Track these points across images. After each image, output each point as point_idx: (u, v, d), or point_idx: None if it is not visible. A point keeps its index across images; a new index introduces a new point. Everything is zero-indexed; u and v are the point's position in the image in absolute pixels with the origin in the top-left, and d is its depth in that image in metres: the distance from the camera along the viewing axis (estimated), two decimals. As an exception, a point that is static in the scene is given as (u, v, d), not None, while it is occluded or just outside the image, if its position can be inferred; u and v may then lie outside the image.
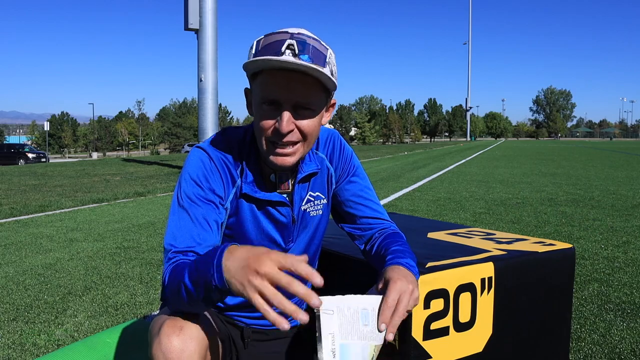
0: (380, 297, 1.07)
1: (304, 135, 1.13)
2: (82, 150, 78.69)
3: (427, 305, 1.27)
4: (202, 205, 1.17)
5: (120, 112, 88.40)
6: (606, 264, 3.93)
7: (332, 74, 1.10)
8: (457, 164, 17.88)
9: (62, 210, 7.01)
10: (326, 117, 1.22)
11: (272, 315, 0.87)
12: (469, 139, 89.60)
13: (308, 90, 1.10)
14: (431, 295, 1.28)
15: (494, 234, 1.77)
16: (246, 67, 1.10)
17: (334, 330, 0.98)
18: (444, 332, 1.31)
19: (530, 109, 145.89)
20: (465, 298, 1.33)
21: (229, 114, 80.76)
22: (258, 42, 1.11)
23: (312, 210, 1.32)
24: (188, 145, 51.76)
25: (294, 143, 1.13)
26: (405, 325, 1.24)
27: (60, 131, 74.68)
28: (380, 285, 1.12)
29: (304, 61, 1.04)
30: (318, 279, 0.88)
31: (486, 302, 1.38)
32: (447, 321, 1.31)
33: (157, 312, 1.30)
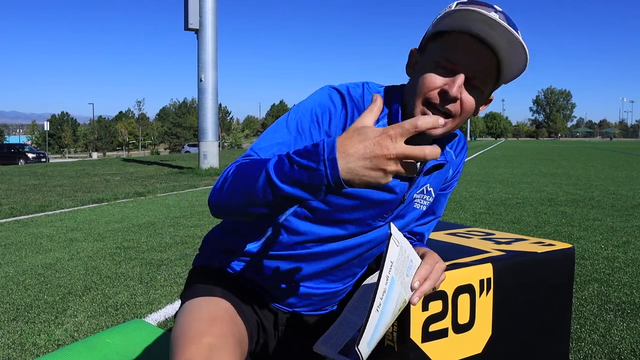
0: (419, 260, 1.07)
1: (461, 111, 1.04)
2: (82, 150, 78.69)
3: (425, 307, 1.27)
4: (305, 137, 1.04)
5: (120, 112, 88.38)
6: (606, 264, 3.93)
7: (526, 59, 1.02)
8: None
9: (62, 210, 7.01)
10: (482, 108, 1.12)
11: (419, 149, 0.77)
12: (469, 139, 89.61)
13: (487, 68, 1.02)
14: (429, 297, 1.27)
15: (493, 234, 1.77)
16: (440, 21, 1.01)
17: (393, 261, 0.95)
18: (442, 333, 1.30)
19: (530, 109, 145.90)
20: (464, 299, 1.33)
21: (229, 114, 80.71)
22: (458, 3, 1.00)
23: (418, 203, 1.23)
24: (188, 145, 51.69)
25: (449, 115, 1.04)
26: (404, 327, 1.24)
27: (60, 131, 74.67)
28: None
29: (508, 25, 0.95)
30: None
31: (485, 303, 1.38)
32: (446, 323, 1.31)
33: (175, 314, 1.22)
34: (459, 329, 1.34)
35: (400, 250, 0.97)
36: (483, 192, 8.82)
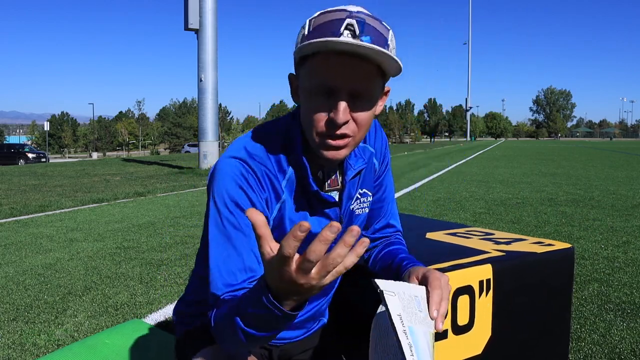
0: (423, 287, 1.04)
1: (358, 127, 1.01)
2: (82, 150, 78.66)
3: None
4: (250, 234, 1.02)
5: (120, 112, 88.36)
6: (606, 264, 3.93)
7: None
8: (457, 164, 17.88)
9: (62, 210, 7.01)
10: (380, 106, 1.08)
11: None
12: (469, 139, 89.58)
13: (367, 77, 0.97)
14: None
15: (493, 234, 1.77)
16: (298, 50, 0.97)
17: (400, 312, 0.92)
18: (442, 335, 1.30)
19: (530, 109, 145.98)
20: (463, 301, 1.33)
21: (229, 114, 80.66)
22: (311, 21, 0.98)
23: (359, 209, 1.22)
24: (188, 145, 51.66)
25: (347, 135, 1.00)
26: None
27: (60, 131, 74.65)
28: (411, 282, 1.06)
29: (366, 43, 0.91)
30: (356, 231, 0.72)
31: (485, 304, 1.38)
32: (446, 324, 1.31)
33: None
34: (459, 330, 1.34)
35: (399, 297, 0.95)
36: (483, 192, 8.82)
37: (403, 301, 0.95)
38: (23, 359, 2.39)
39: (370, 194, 1.25)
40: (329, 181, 1.15)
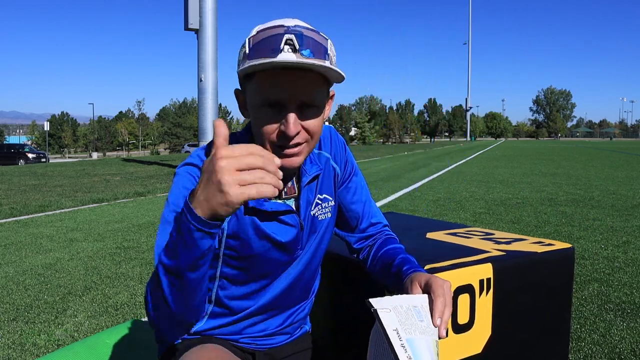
0: (424, 295, 1.04)
1: (310, 135, 1.06)
2: (82, 150, 78.67)
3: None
4: None
5: (120, 112, 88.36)
6: (606, 264, 3.93)
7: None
8: (457, 164, 17.88)
9: (62, 210, 7.01)
10: (327, 110, 1.13)
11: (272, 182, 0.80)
12: (469, 139, 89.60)
13: (312, 87, 1.01)
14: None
15: (493, 234, 1.77)
16: (242, 70, 1.01)
17: (396, 327, 0.93)
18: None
19: (530, 109, 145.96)
20: (463, 300, 1.33)
21: (229, 114, 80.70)
22: (250, 39, 1.00)
23: (321, 214, 1.25)
24: (188, 145, 51.69)
25: (300, 143, 1.05)
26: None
27: (60, 131, 74.66)
28: (413, 289, 1.07)
29: (306, 57, 0.96)
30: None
31: (485, 303, 1.38)
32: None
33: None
34: (459, 329, 1.34)
35: (396, 312, 0.96)
36: (483, 192, 8.82)
37: (400, 315, 0.96)
38: (23, 359, 2.39)
39: (331, 198, 1.28)
40: (285, 189, 1.18)
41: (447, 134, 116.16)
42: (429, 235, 1.76)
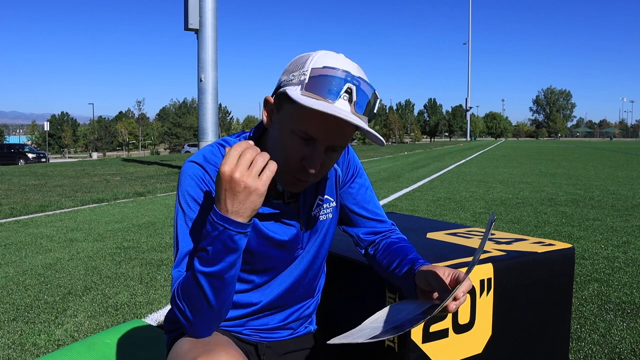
0: (426, 302, 1.11)
1: (324, 169, 1.10)
2: (82, 150, 78.67)
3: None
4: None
5: (120, 112, 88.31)
6: (606, 264, 3.93)
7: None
8: (457, 164, 17.88)
9: (62, 210, 7.01)
10: None
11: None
12: (469, 139, 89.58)
13: (347, 136, 1.05)
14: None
15: (494, 234, 1.77)
16: (296, 98, 0.98)
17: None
18: (443, 334, 1.30)
19: (530, 109, 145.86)
20: (464, 299, 1.33)
21: (229, 114, 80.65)
22: (312, 69, 1.00)
23: (322, 215, 1.28)
24: (188, 146, 51.70)
25: (313, 174, 1.09)
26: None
27: (60, 131, 74.64)
28: (423, 282, 1.12)
29: (359, 114, 1.01)
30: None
31: (485, 303, 1.38)
32: (447, 323, 1.31)
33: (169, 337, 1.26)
34: (460, 329, 1.34)
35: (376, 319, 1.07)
36: (483, 192, 8.82)
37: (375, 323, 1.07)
38: (23, 359, 2.39)
39: (332, 199, 1.30)
40: (289, 194, 1.21)
41: (447, 134, 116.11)
42: (429, 235, 1.76)
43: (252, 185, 0.95)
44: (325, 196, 1.28)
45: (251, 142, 0.98)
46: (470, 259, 1.41)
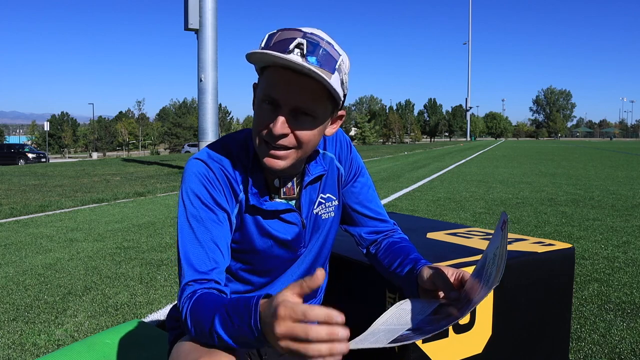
0: (434, 302, 1.11)
1: (299, 143, 1.07)
2: (82, 150, 78.70)
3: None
4: (211, 227, 1.12)
5: (120, 112, 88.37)
6: (606, 264, 3.93)
7: (341, 83, 1.04)
8: (457, 164, 17.88)
9: (62, 210, 7.01)
10: (331, 128, 1.15)
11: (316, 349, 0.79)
12: (469, 139, 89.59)
13: (311, 96, 1.02)
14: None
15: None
16: (252, 58, 1.03)
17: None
18: (443, 334, 1.30)
19: (530, 109, 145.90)
20: (464, 299, 1.33)
21: (229, 114, 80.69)
22: (270, 36, 1.04)
23: (324, 213, 1.27)
24: (188, 146, 51.72)
25: (287, 148, 1.07)
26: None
27: (60, 131, 74.67)
28: (427, 282, 1.12)
29: (309, 64, 0.98)
30: (338, 318, 0.80)
31: (485, 303, 1.38)
32: (447, 322, 1.31)
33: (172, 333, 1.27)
34: (460, 329, 1.34)
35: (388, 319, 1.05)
36: (483, 192, 8.82)
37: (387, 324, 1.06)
38: (23, 359, 2.39)
39: (334, 198, 1.29)
40: (284, 189, 1.20)
41: (447, 134, 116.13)
42: (429, 235, 1.76)
43: (279, 346, 0.83)
44: (328, 194, 1.28)
45: (340, 318, 0.80)
46: (470, 258, 1.41)
